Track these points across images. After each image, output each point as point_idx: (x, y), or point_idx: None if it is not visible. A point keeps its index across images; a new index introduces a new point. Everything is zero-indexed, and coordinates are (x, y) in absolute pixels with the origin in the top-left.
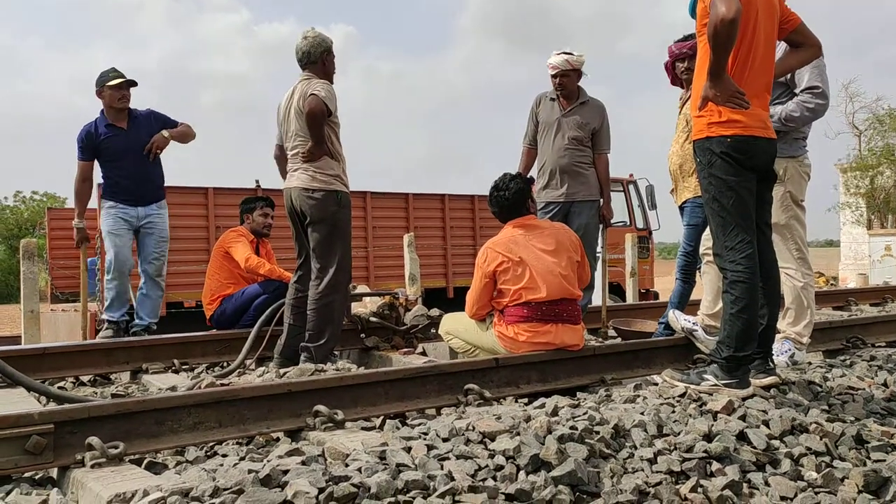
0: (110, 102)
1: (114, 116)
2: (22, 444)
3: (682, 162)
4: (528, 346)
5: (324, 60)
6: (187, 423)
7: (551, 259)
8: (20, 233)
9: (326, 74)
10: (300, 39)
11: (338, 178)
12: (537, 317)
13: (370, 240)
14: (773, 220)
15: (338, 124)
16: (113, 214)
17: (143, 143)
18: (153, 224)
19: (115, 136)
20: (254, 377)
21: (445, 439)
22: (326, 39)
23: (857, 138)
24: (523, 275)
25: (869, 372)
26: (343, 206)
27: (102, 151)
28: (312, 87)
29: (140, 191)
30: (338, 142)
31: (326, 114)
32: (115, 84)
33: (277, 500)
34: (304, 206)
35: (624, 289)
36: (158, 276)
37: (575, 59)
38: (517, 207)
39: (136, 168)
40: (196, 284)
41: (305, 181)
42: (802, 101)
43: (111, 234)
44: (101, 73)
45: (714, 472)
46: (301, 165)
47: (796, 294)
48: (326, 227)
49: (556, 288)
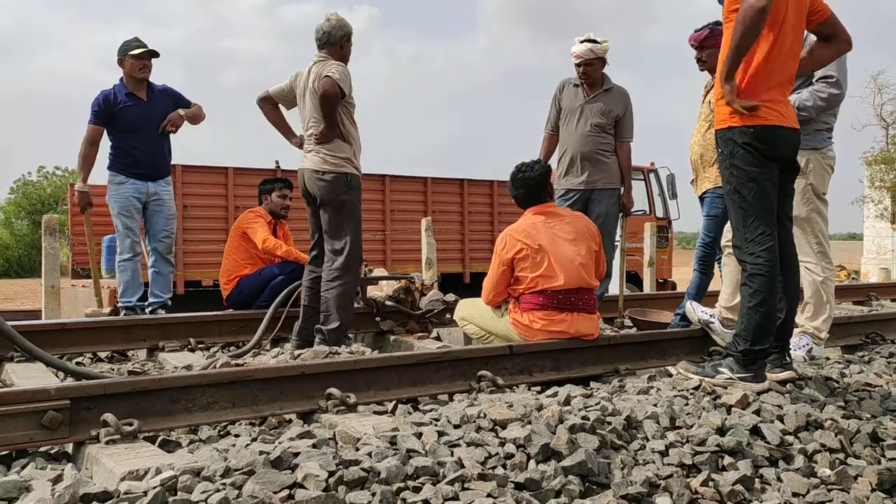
0: (131, 72)
1: (134, 86)
2: (38, 419)
3: (703, 151)
4: (542, 335)
5: (342, 44)
6: (201, 403)
7: (571, 247)
8: (43, 208)
9: (342, 58)
10: (323, 20)
11: (349, 161)
12: (553, 305)
13: (388, 223)
14: (794, 213)
15: (353, 105)
16: (122, 194)
17: (159, 117)
18: (162, 201)
19: (134, 105)
20: (268, 358)
21: (457, 426)
22: (348, 25)
23: (885, 131)
24: (542, 262)
25: (887, 369)
26: (353, 189)
27: (118, 119)
28: (327, 69)
29: (152, 164)
30: (351, 123)
31: (340, 96)
32: (137, 53)
33: (287, 482)
34: (315, 188)
35: (641, 278)
36: (169, 252)
37: (599, 47)
38: (539, 191)
39: (150, 141)
40: (214, 264)
41: (317, 163)
42: (816, 90)
43: (122, 216)
44: (124, 42)
45: (726, 466)
46: (314, 147)
47: (815, 288)
48: (336, 209)
49: (574, 277)
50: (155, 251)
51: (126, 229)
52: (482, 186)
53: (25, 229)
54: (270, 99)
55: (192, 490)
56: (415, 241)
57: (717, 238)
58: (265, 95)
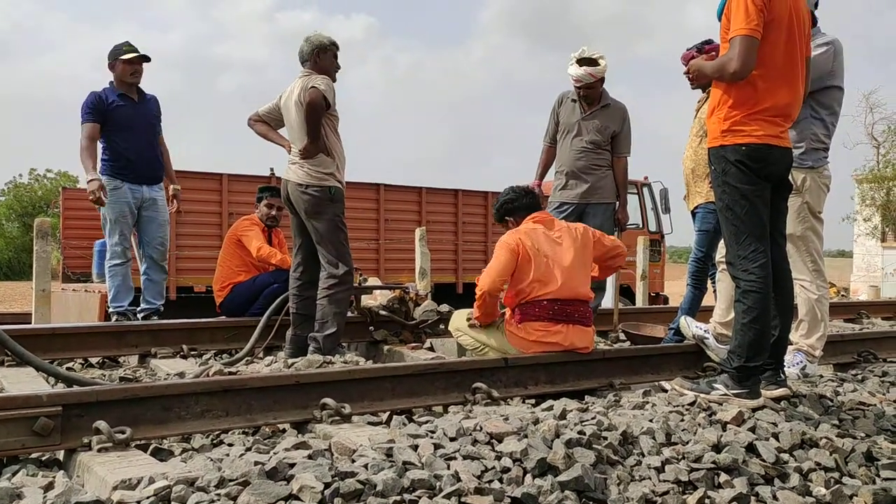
0: (122, 76)
1: (125, 90)
2: (30, 425)
3: (695, 166)
4: (538, 346)
5: (315, 59)
6: (194, 411)
7: (568, 255)
8: (34, 210)
9: (324, 71)
10: (302, 43)
11: (331, 176)
12: (549, 316)
13: (382, 232)
14: (789, 231)
15: (336, 117)
16: (118, 198)
17: (150, 121)
18: (157, 207)
19: (126, 105)
20: (262, 366)
21: (453, 439)
22: (321, 39)
23: (875, 150)
24: (541, 265)
25: (881, 388)
26: (336, 201)
27: (111, 120)
28: (313, 81)
29: (146, 167)
30: (335, 136)
31: (325, 107)
32: (128, 58)
33: (283, 494)
34: (300, 201)
35: (634, 292)
36: (163, 259)
37: (598, 69)
38: (536, 205)
39: (144, 143)
40: (207, 270)
41: (301, 177)
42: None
43: (118, 222)
44: (115, 46)
45: (722, 483)
46: (297, 161)
47: (810, 306)
48: (322, 221)
49: (571, 285)
50: (149, 258)
51: (120, 235)
52: (476, 197)
53: (16, 232)
54: (260, 119)
55: (186, 500)
56: (408, 250)
57: (710, 253)
58: (255, 117)
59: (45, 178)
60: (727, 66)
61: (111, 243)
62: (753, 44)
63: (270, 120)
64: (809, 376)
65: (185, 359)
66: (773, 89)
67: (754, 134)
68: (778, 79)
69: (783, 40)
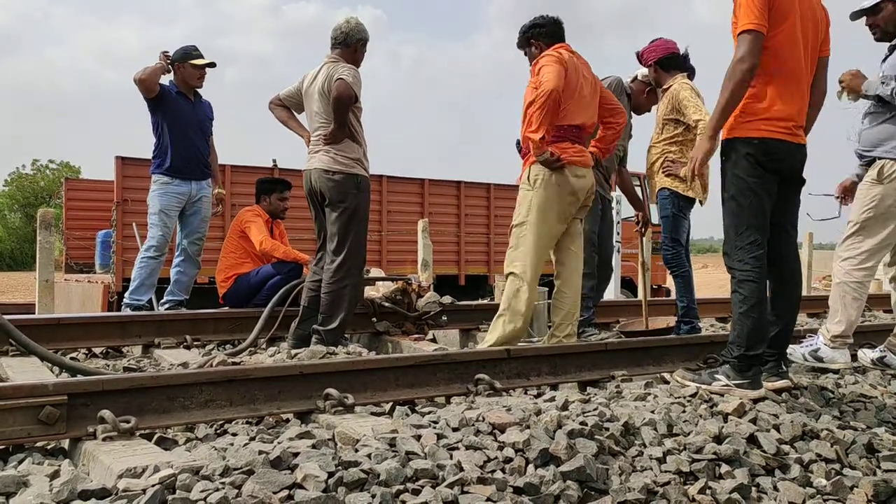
0: (189, 79)
1: (185, 90)
2: (35, 414)
3: (655, 160)
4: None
5: (356, 48)
6: (199, 401)
7: (589, 86)
8: (36, 201)
9: (354, 62)
10: (342, 21)
11: (358, 162)
12: (570, 137)
13: (384, 224)
14: (851, 218)
15: (360, 108)
16: (169, 192)
17: (203, 121)
18: (203, 203)
19: (185, 101)
20: (265, 357)
21: (455, 429)
22: (366, 32)
23: None
24: (573, 93)
25: (882, 380)
26: (362, 191)
27: (170, 108)
28: (339, 71)
29: (197, 165)
30: (359, 125)
31: (353, 99)
32: (199, 64)
33: (287, 483)
34: (324, 187)
35: (636, 284)
36: (198, 255)
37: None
38: (562, 36)
39: (196, 140)
40: (209, 261)
41: (326, 163)
42: None
43: (163, 214)
44: (185, 48)
45: (723, 474)
46: (322, 147)
47: (836, 292)
48: (344, 210)
49: (590, 113)
50: (185, 252)
51: (164, 227)
52: (479, 189)
53: (18, 222)
54: (281, 103)
55: (191, 489)
56: (411, 242)
57: (675, 237)
58: (276, 101)
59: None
60: (738, 66)
61: (153, 234)
62: (758, 38)
63: (291, 104)
64: (823, 360)
65: (188, 349)
66: (782, 85)
67: (764, 128)
68: (787, 75)
69: (788, 36)
